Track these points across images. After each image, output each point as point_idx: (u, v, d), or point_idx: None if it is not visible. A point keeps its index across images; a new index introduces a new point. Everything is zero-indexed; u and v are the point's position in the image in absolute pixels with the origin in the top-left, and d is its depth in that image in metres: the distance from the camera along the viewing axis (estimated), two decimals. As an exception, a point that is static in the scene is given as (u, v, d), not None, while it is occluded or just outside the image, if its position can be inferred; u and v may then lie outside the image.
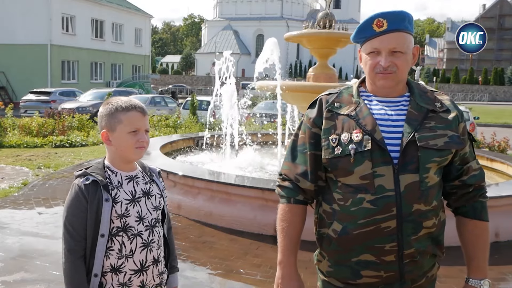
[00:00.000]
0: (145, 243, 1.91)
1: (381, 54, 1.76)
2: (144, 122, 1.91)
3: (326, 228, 1.81)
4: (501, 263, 4.87)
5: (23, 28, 31.70)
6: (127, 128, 1.87)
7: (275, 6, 75.83)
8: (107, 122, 1.90)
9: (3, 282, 4.04)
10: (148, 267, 1.92)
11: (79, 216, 1.84)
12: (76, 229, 1.84)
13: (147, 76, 43.78)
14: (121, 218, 1.87)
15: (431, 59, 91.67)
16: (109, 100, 1.94)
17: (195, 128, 14.71)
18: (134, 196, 1.92)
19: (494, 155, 8.71)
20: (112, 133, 1.89)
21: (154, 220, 1.96)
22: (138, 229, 1.90)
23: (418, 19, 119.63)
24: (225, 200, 5.80)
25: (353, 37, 1.87)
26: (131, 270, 1.88)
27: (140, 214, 1.91)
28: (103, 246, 1.84)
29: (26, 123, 13.56)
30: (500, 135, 11.56)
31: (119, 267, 1.87)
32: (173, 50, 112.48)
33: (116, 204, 1.86)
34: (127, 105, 1.89)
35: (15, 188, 7.35)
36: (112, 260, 1.86)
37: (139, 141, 1.89)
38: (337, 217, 1.76)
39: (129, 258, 1.88)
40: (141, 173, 2.00)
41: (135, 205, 1.91)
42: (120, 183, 1.91)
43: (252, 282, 4.22)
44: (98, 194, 1.84)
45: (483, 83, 61.50)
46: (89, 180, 1.85)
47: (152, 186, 2.00)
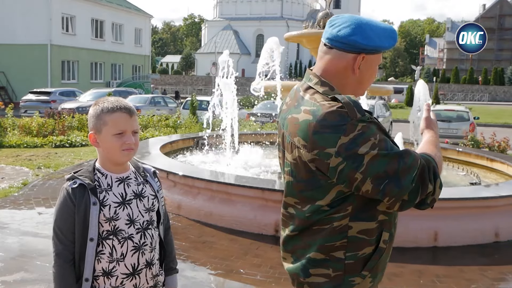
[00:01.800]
0: (137, 246, 1.87)
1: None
2: (130, 124, 1.85)
3: (369, 246, 1.69)
4: (501, 263, 4.88)
5: (23, 28, 31.69)
6: (112, 130, 1.83)
7: (275, 6, 75.80)
8: (94, 124, 1.86)
9: (3, 282, 4.04)
10: (141, 270, 1.88)
11: (67, 220, 1.82)
12: (64, 233, 1.82)
13: (147, 76, 43.78)
14: (110, 221, 1.83)
15: (431, 59, 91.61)
16: (97, 100, 1.90)
17: (195, 128, 14.71)
18: (125, 198, 1.88)
19: (494, 155, 8.71)
20: (99, 135, 1.86)
21: (146, 223, 1.91)
22: (129, 232, 1.86)
23: (418, 19, 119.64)
24: (225, 200, 5.80)
25: (386, 45, 1.72)
26: (123, 274, 1.85)
27: (130, 217, 1.87)
28: (92, 250, 1.82)
29: (26, 123, 13.56)
30: (500, 135, 11.56)
31: (111, 271, 1.84)
32: (173, 50, 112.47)
33: (104, 207, 1.83)
34: (112, 106, 1.84)
35: (15, 188, 7.35)
36: (104, 264, 1.84)
37: (125, 143, 1.84)
38: (385, 227, 1.72)
39: (120, 262, 1.85)
40: (133, 174, 1.95)
41: (125, 208, 1.87)
42: (109, 185, 1.87)
43: (252, 282, 4.22)
44: (86, 198, 1.81)
45: (483, 83, 61.47)
46: (76, 183, 1.83)
47: (145, 187, 1.95)
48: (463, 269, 4.66)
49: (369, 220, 1.67)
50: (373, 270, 1.72)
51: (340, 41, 1.69)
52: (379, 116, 16.25)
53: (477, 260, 4.92)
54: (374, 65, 1.75)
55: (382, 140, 1.59)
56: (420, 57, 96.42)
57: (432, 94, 34.76)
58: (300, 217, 1.72)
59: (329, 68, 1.73)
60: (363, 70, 1.73)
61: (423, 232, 5.23)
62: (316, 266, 1.70)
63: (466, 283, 4.34)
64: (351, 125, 1.56)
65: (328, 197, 1.65)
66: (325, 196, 1.65)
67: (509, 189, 5.94)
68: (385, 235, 1.71)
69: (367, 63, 1.72)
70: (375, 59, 1.74)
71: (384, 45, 1.70)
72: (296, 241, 1.75)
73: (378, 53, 1.73)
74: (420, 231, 5.22)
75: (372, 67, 1.75)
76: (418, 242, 5.19)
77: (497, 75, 61.29)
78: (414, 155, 1.62)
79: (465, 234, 5.31)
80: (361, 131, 1.56)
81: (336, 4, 74.54)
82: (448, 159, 9.12)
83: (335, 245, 1.67)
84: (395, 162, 1.57)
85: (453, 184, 7.49)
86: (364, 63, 1.72)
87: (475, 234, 5.34)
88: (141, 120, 15.97)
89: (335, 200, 1.64)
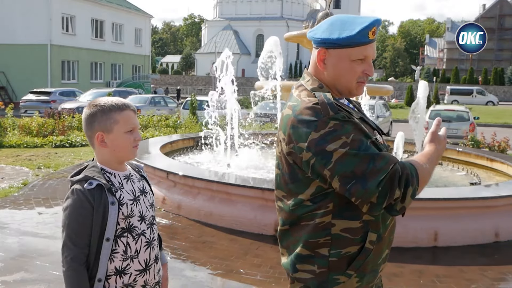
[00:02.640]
0: (148, 241, 1.91)
1: (366, 62, 1.70)
2: (137, 120, 1.92)
3: (353, 245, 1.69)
4: (501, 263, 4.88)
5: (23, 28, 31.69)
6: (124, 128, 1.85)
7: (275, 6, 75.76)
8: (101, 124, 1.84)
9: (3, 282, 4.04)
10: (151, 265, 1.91)
11: (84, 223, 1.78)
12: (81, 236, 1.78)
13: (147, 76, 43.79)
14: (127, 219, 1.85)
15: (431, 59, 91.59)
16: (94, 102, 1.89)
17: (195, 128, 14.71)
18: (135, 195, 1.90)
19: (494, 155, 8.71)
20: (108, 135, 1.85)
21: (152, 217, 1.96)
22: (141, 228, 1.89)
23: (418, 19, 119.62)
24: (225, 200, 5.80)
25: (343, 39, 1.67)
26: (136, 270, 1.86)
27: (141, 213, 1.90)
28: (108, 250, 1.81)
29: (26, 123, 13.56)
30: (500, 135, 11.55)
31: (124, 269, 1.84)
32: (173, 50, 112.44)
33: (122, 206, 1.83)
34: (121, 104, 1.86)
35: (15, 188, 7.35)
36: (117, 262, 1.83)
37: (136, 139, 1.88)
38: (371, 227, 1.69)
39: (135, 259, 1.86)
40: (132, 171, 1.99)
41: (137, 204, 1.89)
42: (120, 183, 1.89)
43: (252, 282, 4.22)
44: (104, 198, 1.79)
45: (483, 83, 61.44)
46: (93, 184, 1.80)
47: (144, 183, 1.99)
48: (463, 269, 4.66)
49: (353, 219, 1.67)
50: (360, 270, 1.71)
51: (311, 37, 1.76)
52: (379, 116, 16.23)
53: (477, 260, 4.92)
54: (344, 60, 1.70)
55: (356, 140, 1.59)
56: (420, 57, 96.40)
57: (432, 94, 34.77)
58: (286, 211, 1.76)
59: (312, 65, 1.79)
60: (330, 66, 1.72)
61: (423, 232, 5.23)
62: (302, 262, 1.73)
63: (466, 283, 4.34)
64: (322, 122, 1.59)
65: (308, 192, 1.68)
66: (306, 191, 1.68)
67: (509, 189, 5.94)
68: (371, 235, 1.69)
69: (334, 58, 1.71)
70: (343, 54, 1.69)
71: (342, 38, 1.66)
72: (288, 236, 1.78)
73: (342, 48, 1.69)
74: (420, 231, 5.22)
75: (341, 63, 1.70)
76: (418, 242, 5.18)
77: (497, 75, 61.26)
78: (388, 159, 1.60)
79: (465, 234, 5.31)
80: (332, 129, 1.59)
81: (336, 4, 74.52)
82: (448, 159, 9.13)
83: (319, 241, 1.69)
84: (364, 163, 1.57)
85: (453, 184, 7.50)
86: (331, 58, 1.71)
87: (475, 234, 5.34)
88: (141, 120, 15.97)
89: (316, 195, 1.67)
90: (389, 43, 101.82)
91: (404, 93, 44.75)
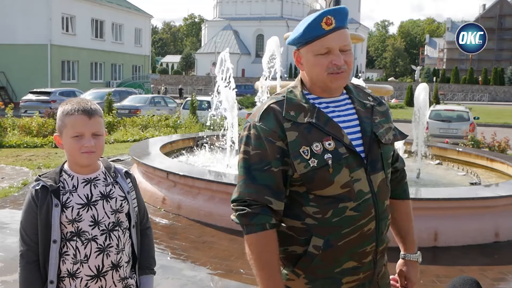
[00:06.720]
0: (101, 248, 1.85)
1: (332, 53, 1.67)
2: (89, 126, 1.82)
3: (298, 245, 1.69)
4: (501, 263, 4.88)
5: (23, 28, 31.70)
6: (70, 133, 1.83)
7: (275, 6, 75.75)
8: (58, 126, 1.88)
9: (3, 282, 4.04)
10: (106, 272, 1.87)
11: (31, 222, 1.83)
12: (28, 234, 1.83)
13: (147, 76, 43.79)
14: (73, 223, 1.83)
15: (431, 59, 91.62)
16: (65, 101, 1.91)
17: (195, 128, 14.71)
18: (90, 199, 1.86)
19: (494, 155, 8.71)
20: (61, 137, 1.87)
21: (112, 224, 1.89)
22: (93, 234, 1.85)
23: (418, 19, 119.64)
24: (225, 200, 5.80)
25: (298, 38, 1.71)
26: (87, 275, 1.84)
27: (95, 218, 1.86)
28: (56, 252, 1.82)
29: (26, 123, 13.56)
30: (500, 135, 11.56)
31: (75, 272, 1.84)
32: (173, 50, 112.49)
33: (66, 209, 1.82)
34: (71, 108, 1.83)
35: (15, 188, 7.35)
36: (68, 265, 1.84)
37: (84, 146, 1.82)
38: (315, 231, 1.65)
39: (84, 264, 1.84)
40: (103, 174, 1.93)
41: (89, 209, 1.85)
42: (75, 187, 1.87)
43: (252, 282, 4.21)
44: (48, 200, 1.81)
45: (483, 83, 61.46)
46: (39, 185, 1.83)
47: (114, 188, 1.93)
48: (463, 269, 4.66)
49: (295, 219, 1.69)
50: (308, 272, 1.68)
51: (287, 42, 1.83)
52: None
53: (477, 260, 4.92)
54: (310, 56, 1.71)
55: (256, 155, 1.67)
56: (420, 57, 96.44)
57: (432, 94, 34.78)
58: None
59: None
60: (305, 64, 1.74)
61: (423, 232, 5.22)
62: None
63: (466, 283, 4.33)
64: (247, 125, 1.72)
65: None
66: None
67: (509, 189, 5.94)
68: (316, 240, 1.65)
69: (304, 57, 1.74)
70: (308, 50, 1.70)
71: (299, 35, 1.70)
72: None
73: (305, 45, 1.71)
74: (420, 231, 5.21)
75: (309, 59, 1.71)
76: (418, 242, 5.16)
77: (497, 75, 61.27)
78: (240, 186, 1.72)
79: (465, 234, 5.31)
80: (247, 134, 1.70)
81: (336, 4, 74.45)
82: (448, 159, 9.13)
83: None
84: (240, 178, 1.72)
85: (453, 184, 7.50)
86: (303, 58, 1.74)
87: (475, 234, 5.34)
88: (141, 120, 15.97)
89: None
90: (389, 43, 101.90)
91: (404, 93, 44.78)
